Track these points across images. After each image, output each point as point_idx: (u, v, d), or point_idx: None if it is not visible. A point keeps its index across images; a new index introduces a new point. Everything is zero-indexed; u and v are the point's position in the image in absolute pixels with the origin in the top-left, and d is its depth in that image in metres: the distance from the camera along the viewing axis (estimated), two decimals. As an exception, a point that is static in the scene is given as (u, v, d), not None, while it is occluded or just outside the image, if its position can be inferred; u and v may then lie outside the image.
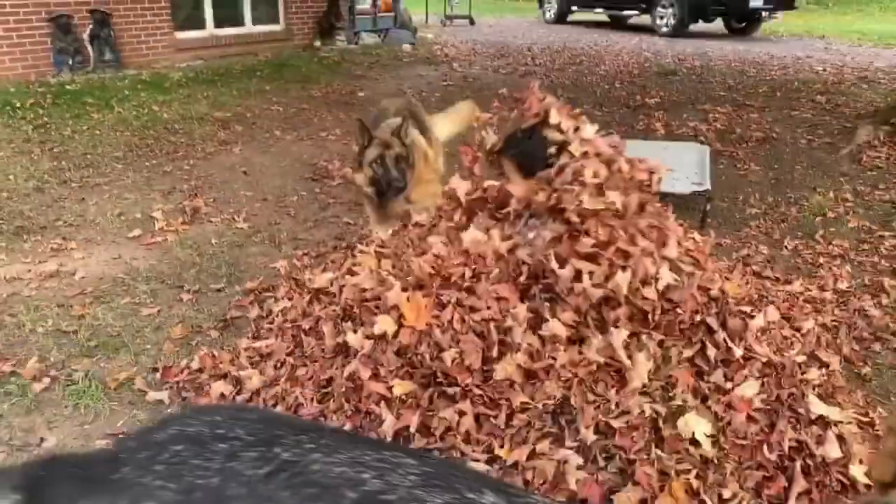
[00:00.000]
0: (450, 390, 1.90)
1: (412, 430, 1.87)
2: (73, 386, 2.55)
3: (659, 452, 1.76)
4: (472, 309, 2.02)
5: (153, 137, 5.87)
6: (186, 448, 0.94)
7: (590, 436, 1.78)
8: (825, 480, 1.78)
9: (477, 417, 1.88)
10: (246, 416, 1.03)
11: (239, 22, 10.23)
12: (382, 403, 1.94)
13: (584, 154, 2.35)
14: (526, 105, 2.58)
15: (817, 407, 1.92)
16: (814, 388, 2.10)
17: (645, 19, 15.94)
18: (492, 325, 1.98)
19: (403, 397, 1.94)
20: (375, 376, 1.99)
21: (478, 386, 1.90)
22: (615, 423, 1.81)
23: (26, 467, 1.05)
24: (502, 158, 2.64)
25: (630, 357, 1.96)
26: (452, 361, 1.91)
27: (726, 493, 1.73)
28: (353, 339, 2.07)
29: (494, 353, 1.94)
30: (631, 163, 2.40)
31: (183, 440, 0.96)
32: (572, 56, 11.48)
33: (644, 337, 2.00)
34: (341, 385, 2.00)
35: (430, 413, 1.90)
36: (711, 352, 1.98)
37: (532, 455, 1.77)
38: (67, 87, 7.34)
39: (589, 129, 2.54)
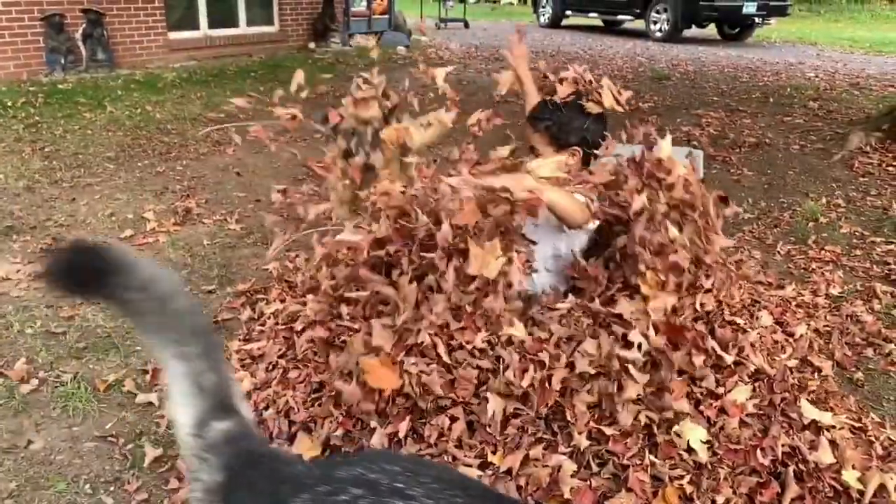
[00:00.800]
0: (441, 402, 1.88)
1: (402, 435, 1.85)
2: (62, 388, 2.52)
3: (653, 458, 1.76)
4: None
5: (146, 138, 5.84)
6: (364, 495, 0.95)
7: (583, 441, 1.77)
8: (818, 486, 1.78)
9: (470, 423, 1.87)
10: (425, 472, 1.03)
11: (233, 23, 10.21)
12: (372, 410, 1.92)
13: (670, 203, 2.14)
14: (566, 76, 2.52)
15: (810, 412, 1.92)
16: (807, 394, 2.10)
17: (639, 24, 16.01)
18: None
19: (394, 402, 1.92)
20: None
21: (468, 403, 1.88)
22: (608, 430, 1.81)
23: (232, 448, 1.07)
24: (532, 128, 2.53)
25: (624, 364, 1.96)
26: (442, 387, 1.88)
27: (720, 499, 1.72)
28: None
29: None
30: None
31: (363, 485, 0.97)
32: (567, 60, 11.50)
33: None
34: (332, 389, 1.98)
35: (422, 420, 1.89)
36: (700, 359, 1.98)
37: (525, 461, 1.75)
38: (59, 86, 7.30)
39: (665, 146, 2.28)
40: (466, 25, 16.88)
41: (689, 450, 1.78)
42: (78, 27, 8.04)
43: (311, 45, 11.16)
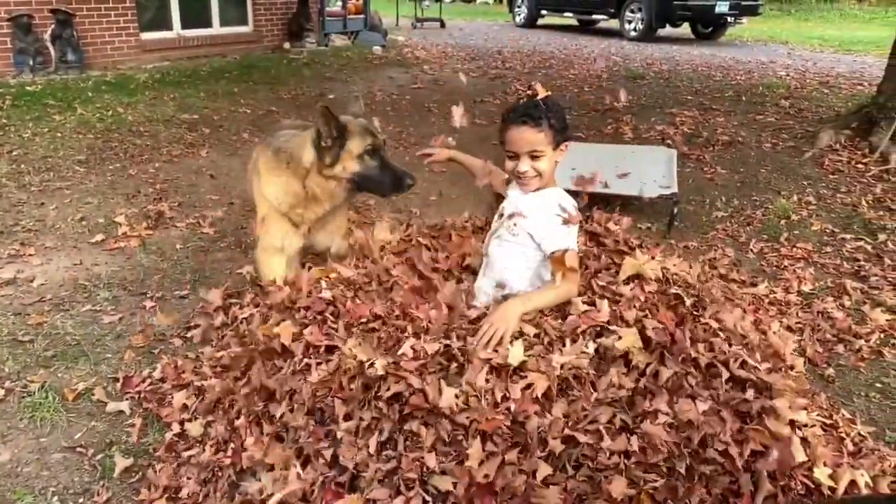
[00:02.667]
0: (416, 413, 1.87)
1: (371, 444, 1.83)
2: (29, 398, 2.47)
3: (626, 461, 1.75)
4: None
5: (117, 140, 5.75)
6: None
7: (557, 446, 1.77)
8: (790, 485, 1.79)
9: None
10: None
11: (207, 23, 10.09)
12: (339, 403, 1.90)
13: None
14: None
15: (784, 412, 1.93)
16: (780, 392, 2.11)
17: (613, 24, 16.12)
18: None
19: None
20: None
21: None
22: (583, 434, 1.80)
23: None
24: (534, 127, 2.39)
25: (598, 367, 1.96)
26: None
27: (694, 500, 1.73)
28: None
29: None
30: None
31: None
32: (542, 60, 11.54)
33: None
34: (304, 396, 1.96)
35: (398, 425, 1.87)
36: (673, 361, 1.98)
37: (501, 465, 1.74)
38: (28, 88, 7.16)
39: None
40: (442, 25, 16.87)
41: (668, 456, 1.78)
42: (47, 28, 7.89)
43: (286, 45, 11.07)
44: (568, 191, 2.46)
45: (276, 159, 2.78)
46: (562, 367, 1.92)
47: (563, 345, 2.02)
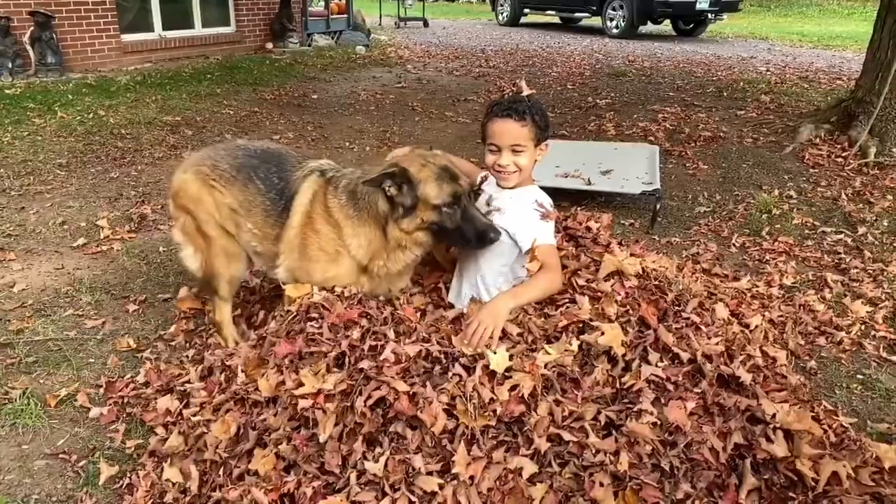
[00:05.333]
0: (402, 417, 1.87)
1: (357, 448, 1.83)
2: (10, 405, 2.43)
3: (612, 458, 1.76)
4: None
5: (99, 143, 5.70)
6: None
7: (543, 444, 1.77)
8: (773, 478, 1.81)
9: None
10: None
11: (188, 24, 10.04)
12: (321, 413, 1.89)
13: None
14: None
15: (767, 406, 1.95)
16: (762, 387, 2.13)
17: (596, 21, 16.19)
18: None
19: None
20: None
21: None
22: (568, 431, 1.81)
23: None
24: (518, 122, 2.33)
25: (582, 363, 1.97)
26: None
27: (679, 494, 1.74)
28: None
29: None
30: None
31: None
32: (525, 58, 11.57)
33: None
34: (287, 397, 1.95)
35: (382, 427, 1.87)
36: (655, 357, 2.00)
37: (488, 464, 1.74)
38: (7, 91, 7.08)
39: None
40: (426, 24, 16.86)
41: (653, 452, 1.79)
42: (26, 30, 7.81)
43: (269, 45, 11.03)
44: (545, 188, 2.49)
45: (355, 205, 2.35)
46: (545, 365, 1.93)
47: (548, 342, 2.03)
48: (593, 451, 1.77)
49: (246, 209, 2.53)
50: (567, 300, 2.21)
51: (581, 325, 2.09)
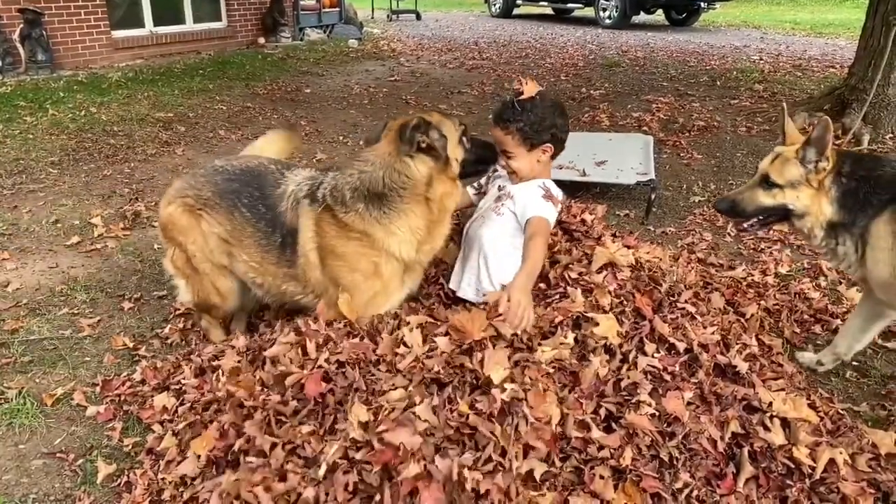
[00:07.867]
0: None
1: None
2: (7, 404, 2.43)
3: (612, 450, 1.76)
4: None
5: (91, 140, 5.67)
6: None
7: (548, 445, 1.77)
8: (771, 466, 1.81)
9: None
10: None
11: (179, 20, 9.98)
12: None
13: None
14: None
15: (764, 394, 1.96)
16: (760, 375, 2.14)
17: (588, 12, 16.16)
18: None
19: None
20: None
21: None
22: (571, 428, 1.81)
23: None
24: (502, 129, 2.43)
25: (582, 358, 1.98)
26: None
27: (678, 484, 1.74)
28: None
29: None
30: None
31: None
32: (519, 49, 11.54)
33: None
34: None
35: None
36: (651, 347, 2.00)
37: (488, 460, 1.74)
38: (-3, 89, 7.05)
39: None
40: (418, 17, 16.81)
41: (652, 443, 1.79)
42: (15, 28, 7.75)
43: (261, 40, 10.98)
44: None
45: (380, 202, 2.22)
46: (543, 363, 1.93)
47: (543, 338, 2.03)
48: (597, 447, 1.77)
49: (237, 239, 2.44)
50: (559, 294, 2.21)
51: (575, 318, 2.09)
